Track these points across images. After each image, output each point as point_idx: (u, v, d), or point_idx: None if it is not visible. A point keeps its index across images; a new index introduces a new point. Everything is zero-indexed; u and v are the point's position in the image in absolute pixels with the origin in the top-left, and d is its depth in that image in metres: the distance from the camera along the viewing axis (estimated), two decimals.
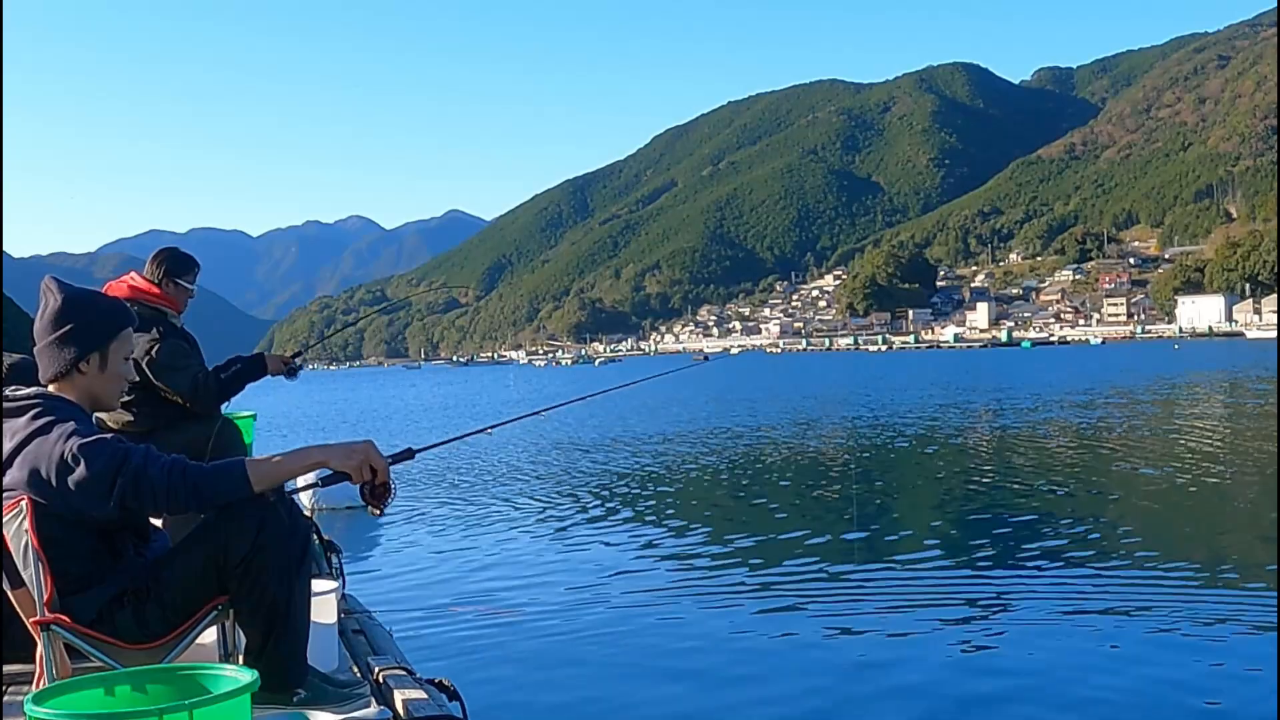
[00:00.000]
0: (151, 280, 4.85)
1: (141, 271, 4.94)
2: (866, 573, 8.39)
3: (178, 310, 4.92)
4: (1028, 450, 17.41)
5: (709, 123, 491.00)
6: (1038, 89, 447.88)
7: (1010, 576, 8.07)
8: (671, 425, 26.09)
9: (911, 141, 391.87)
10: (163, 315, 4.80)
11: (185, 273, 4.93)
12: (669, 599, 7.79)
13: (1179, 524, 10.28)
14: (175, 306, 4.90)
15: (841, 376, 58.27)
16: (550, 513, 12.35)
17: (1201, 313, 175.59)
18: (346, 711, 2.91)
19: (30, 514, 2.59)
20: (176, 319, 4.90)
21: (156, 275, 4.86)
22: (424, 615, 7.35)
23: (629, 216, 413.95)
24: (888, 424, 23.95)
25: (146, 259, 5.00)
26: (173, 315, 4.86)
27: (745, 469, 16.45)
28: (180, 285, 4.91)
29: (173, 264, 4.90)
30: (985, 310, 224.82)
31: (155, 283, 4.84)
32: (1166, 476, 13.33)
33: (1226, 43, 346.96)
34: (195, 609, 2.77)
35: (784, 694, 5.52)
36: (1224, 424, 21.12)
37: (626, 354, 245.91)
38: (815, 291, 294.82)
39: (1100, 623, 6.64)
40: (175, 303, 4.90)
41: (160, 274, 4.86)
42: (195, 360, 4.81)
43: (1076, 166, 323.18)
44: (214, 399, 4.85)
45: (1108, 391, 33.90)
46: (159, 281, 4.85)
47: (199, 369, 4.80)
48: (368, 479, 2.72)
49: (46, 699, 1.86)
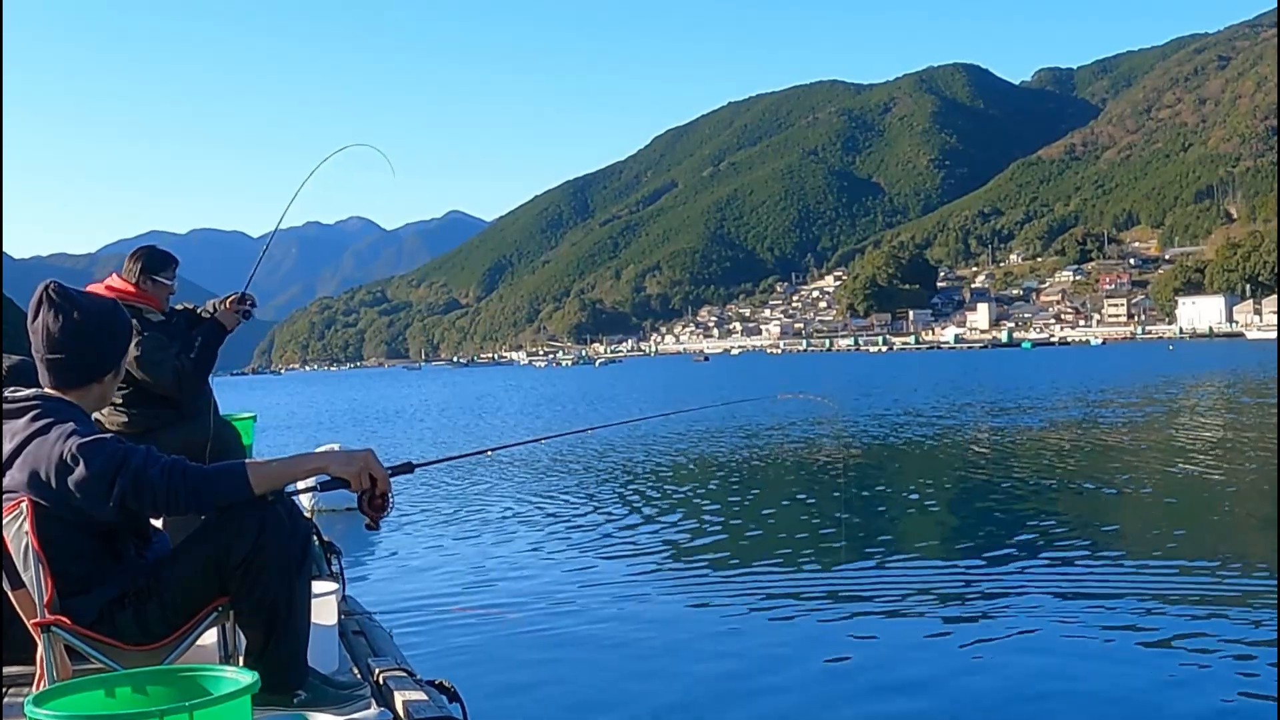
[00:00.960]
0: (129, 279, 4.90)
1: (120, 271, 4.99)
2: (867, 572, 8.39)
3: (158, 307, 4.95)
4: (1027, 450, 17.39)
5: (709, 123, 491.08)
6: (1038, 90, 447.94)
7: (1010, 577, 8.06)
8: (672, 425, 26.06)
9: (912, 142, 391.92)
10: (139, 312, 4.82)
11: (162, 269, 4.96)
12: (669, 599, 7.79)
13: (1178, 524, 10.26)
14: (154, 303, 4.93)
15: (843, 377, 58.28)
16: (551, 514, 12.34)
17: (1202, 313, 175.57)
18: (347, 713, 2.91)
19: (30, 515, 2.59)
20: (154, 314, 4.92)
21: (134, 274, 4.91)
22: (424, 617, 7.35)
23: (629, 217, 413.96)
24: (888, 424, 23.95)
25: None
26: (149, 311, 4.89)
27: (746, 469, 16.45)
28: (158, 282, 4.95)
29: (149, 261, 4.94)
30: (985, 311, 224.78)
31: (133, 282, 4.89)
32: (1165, 476, 13.32)
33: (1227, 43, 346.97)
34: (196, 610, 2.77)
35: (785, 694, 5.52)
36: (1224, 424, 21.10)
37: (627, 355, 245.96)
38: (815, 292, 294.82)
39: (1100, 623, 6.63)
40: (154, 300, 4.93)
41: (138, 271, 4.91)
42: (174, 350, 4.83)
43: (1077, 167, 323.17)
44: (196, 379, 4.87)
45: (1099, 393, 33.90)
46: (136, 280, 4.90)
47: (178, 358, 4.82)
48: (366, 488, 2.71)
49: (47, 700, 1.86)
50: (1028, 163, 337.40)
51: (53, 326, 2.77)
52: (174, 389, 4.80)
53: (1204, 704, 5.18)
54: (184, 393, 4.83)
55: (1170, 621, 6.59)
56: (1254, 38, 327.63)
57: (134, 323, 4.61)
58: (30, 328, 2.81)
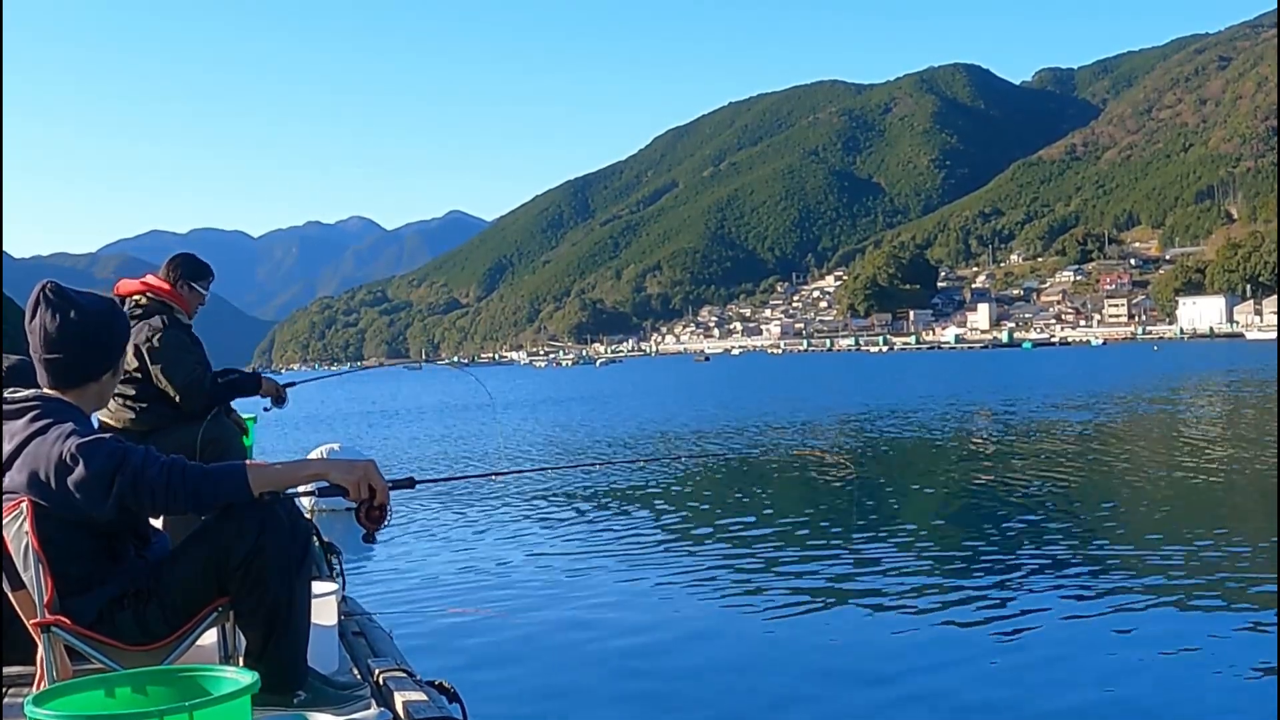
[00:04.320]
0: (166, 279, 5.00)
1: (156, 273, 5.10)
2: (867, 572, 8.38)
3: (188, 311, 5.02)
4: (1026, 450, 17.38)
5: (710, 123, 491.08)
6: (1038, 90, 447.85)
7: (1009, 575, 8.06)
8: (672, 425, 26.07)
9: (912, 142, 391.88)
10: (170, 309, 4.92)
11: (200, 278, 5.08)
12: (670, 600, 7.79)
13: (1178, 524, 10.25)
14: (186, 307, 5.00)
15: (847, 378, 58.23)
16: (551, 514, 12.33)
17: (1202, 314, 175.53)
18: (347, 713, 2.91)
19: (30, 516, 2.59)
20: (184, 317, 4.98)
21: (172, 277, 5.01)
22: (424, 617, 7.35)
23: (630, 217, 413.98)
24: (888, 423, 23.95)
25: (150, 260, 5.14)
26: (179, 312, 4.96)
27: (746, 468, 16.44)
28: (194, 289, 5.06)
29: (188, 268, 5.06)
30: (986, 311, 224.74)
31: (171, 283, 4.99)
32: (1165, 476, 13.32)
33: (1227, 44, 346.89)
34: (196, 610, 2.77)
35: (785, 694, 5.51)
36: (1223, 423, 21.10)
37: (627, 355, 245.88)
38: (816, 292, 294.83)
39: (1100, 622, 6.62)
40: (186, 303, 5.01)
41: (175, 276, 5.01)
42: (195, 357, 4.87)
43: (1077, 167, 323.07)
44: (204, 399, 4.88)
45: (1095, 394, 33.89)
46: (174, 283, 5.00)
47: (197, 366, 4.86)
48: (365, 498, 2.70)
49: (47, 700, 1.86)
50: (1028, 163, 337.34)
51: (50, 326, 2.77)
52: (181, 391, 4.81)
53: (1204, 703, 5.18)
54: (186, 400, 4.84)
55: (1170, 621, 6.58)
56: (1255, 38, 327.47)
57: (162, 319, 4.83)
58: (28, 328, 2.81)
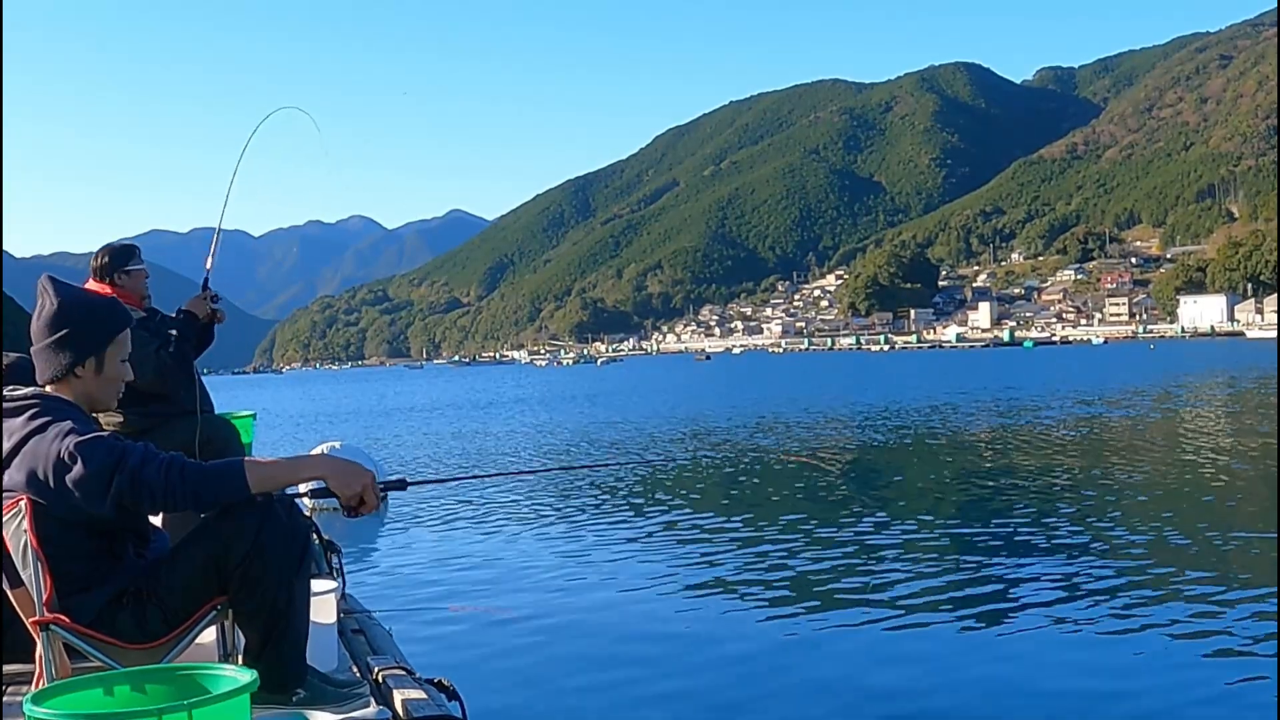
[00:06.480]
0: (102, 280, 4.89)
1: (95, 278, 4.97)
2: (867, 571, 8.37)
3: (138, 302, 4.93)
4: (1025, 448, 17.37)
5: (711, 122, 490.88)
6: (1039, 89, 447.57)
7: (1008, 574, 8.05)
8: (673, 424, 26.07)
9: (913, 141, 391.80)
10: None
11: (127, 261, 4.96)
12: (669, 599, 7.78)
13: (1179, 523, 10.24)
14: (133, 299, 4.89)
15: (848, 377, 58.23)
16: (550, 513, 12.33)
17: (1203, 312, 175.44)
18: (346, 711, 2.91)
19: (29, 514, 2.59)
20: (136, 312, 4.84)
21: (103, 276, 4.91)
22: (424, 615, 7.34)
23: (631, 216, 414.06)
24: (888, 423, 23.93)
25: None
26: (130, 309, 4.70)
27: (746, 467, 16.43)
28: (128, 274, 4.94)
29: (112, 260, 4.94)
30: (987, 310, 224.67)
31: (107, 281, 4.88)
32: (1165, 476, 13.30)
33: (1228, 42, 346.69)
34: (195, 609, 2.77)
35: (785, 694, 5.51)
36: (1222, 424, 21.08)
37: (629, 354, 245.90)
38: (817, 291, 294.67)
39: (1100, 623, 6.62)
40: (132, 295, 4.90)
41: (106, 273, 4.91)
42: (151, 347, 4.80)
43: (1078, 166, 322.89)
44: (179, 371, 4.88)
45: (1094, 393, 33.87)
46: (111, 279, 4.90)
47: (156, 353, 4.80)
48: (353, 506, 2.78)
49: (46, 699, 1.86)
50: (1029, 162, 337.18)
51: (36, 317, 2.81)
52: (159, 384, 4.79)
53: (1205, 703, 5.17)
54: (169, 386, 4.82)
55: (1170, 619, 6.57)
56: (1255, 37, 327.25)
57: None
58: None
